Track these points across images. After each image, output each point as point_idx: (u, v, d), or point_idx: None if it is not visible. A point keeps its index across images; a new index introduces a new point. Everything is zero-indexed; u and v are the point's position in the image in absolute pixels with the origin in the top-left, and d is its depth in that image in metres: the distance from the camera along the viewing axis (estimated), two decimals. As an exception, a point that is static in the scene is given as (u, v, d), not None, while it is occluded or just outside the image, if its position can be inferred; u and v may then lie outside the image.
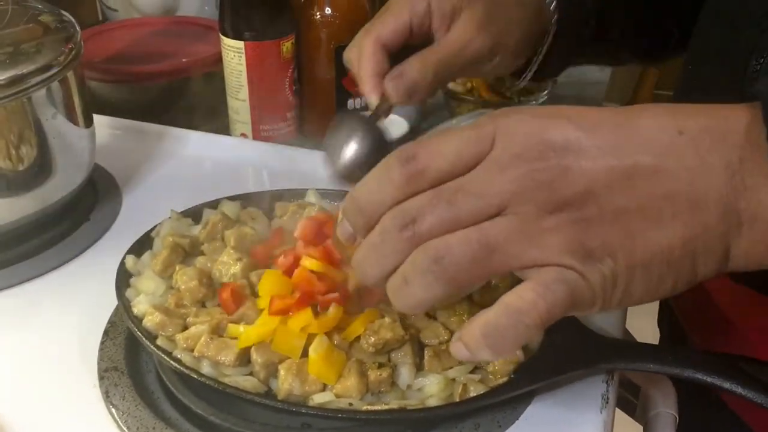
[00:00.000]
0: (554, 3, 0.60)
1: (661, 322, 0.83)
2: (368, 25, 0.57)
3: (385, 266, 0.39)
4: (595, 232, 0.36)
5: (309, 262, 0.52)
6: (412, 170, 0.38)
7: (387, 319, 0.50)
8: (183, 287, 0.54)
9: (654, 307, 0.81)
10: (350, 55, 0.58)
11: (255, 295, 0.54)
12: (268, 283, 0.52)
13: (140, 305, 0.54)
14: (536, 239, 0.36)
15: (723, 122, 0.36)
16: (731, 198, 0.35)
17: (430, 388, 0.48)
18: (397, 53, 0.56)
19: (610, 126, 0.37)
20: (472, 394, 0.48)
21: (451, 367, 0.50)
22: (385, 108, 0.56)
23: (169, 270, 0.56)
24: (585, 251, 0.36)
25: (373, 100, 0.56)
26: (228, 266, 0.56)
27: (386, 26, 0.56)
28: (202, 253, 0.59)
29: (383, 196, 0.38)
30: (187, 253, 0.58)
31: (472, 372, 0.50)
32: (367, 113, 0.57)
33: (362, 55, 0.56)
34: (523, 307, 0.36)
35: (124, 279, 0.57)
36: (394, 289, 0.39)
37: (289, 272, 0.53)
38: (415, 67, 0.55)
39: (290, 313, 0.50)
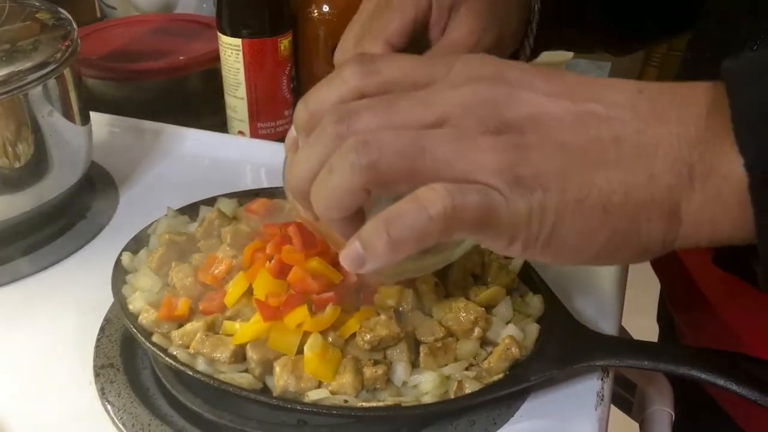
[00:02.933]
0: None
1: (660, 319, 0.83)
2: (363, 24, 0.54)
3: (312, 162, 0.37)
4: (531, 160, 0.34)
5: (305, 262, 0.52)
6: (365, 69, 0.38)
7: (383, 317, 0.50)
8: (178, 285, 0.54)
9: (653, 305, 0.81)
10: (342, 59, 0.54)
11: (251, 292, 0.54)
12: (263, 283, 0.52)
13: (136, 302, 0.54)
14: (469, 154, 0.35)
15: (686, 89, 0.36)
16: (684, 152, 0.34)
17: (426, 386, 0.48)
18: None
19: (571, 79, 0.37)
20: (468, 391, 0.48)
21: (446, 365, 0.50)
22: None
23: (165, 267, 0.56)
24: (515, 177, 0.34)
25: None
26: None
27: (393, 25, 0.52)
28: (198, 251, 0.59)
29: (330, 93, 0.38)
30: (183, 250, 0.58)
31: (467, 369, 0.50)
32: None
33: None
34: (430, 196, 0.34)
35: (120, 276, 0.57)
36: (317, 183, 0.37)
37: (278, 274, 0.52)
38: None
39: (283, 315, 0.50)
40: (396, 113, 0.36)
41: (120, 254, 0.58)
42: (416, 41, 0.54)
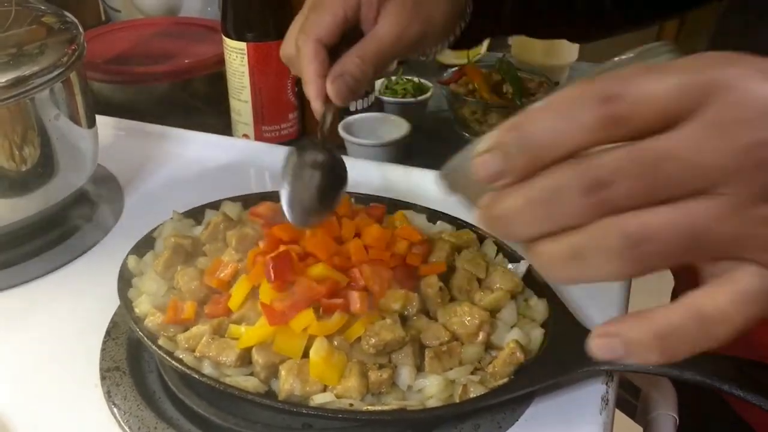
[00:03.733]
0: None
1: None
2: (302, 22, 0.56)
3: (546, 228, 0.31)
4: None
5: (313, 268, 0.52)
6: (611, 113, 0.29)
7: (388, 320, 0.50)
8: (184, 288, 0.54)
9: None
10: (288, 53, 0.57)
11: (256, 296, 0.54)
12: (269, 287, 0.52)
13: (142, 305, 0.54)
14: (745, 230, 0.29)
15: None
16: None
17: (431, 389, 0.49)
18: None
19: None
20: (473, 395, 0.48)
21: (451, 369, 0.50)
22: (332, 112, 0.55)
23: (171, 270, 0.57)
24: None
25: (317, 106, 0.55)
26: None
27: (323, 24, 0.54)
28: (203, 254, 0.59)
29: (564, 137, 0.30)
30: (188, 253, 0.58)
31: (472, 373, 0.50)
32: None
33: (304, 58, 0.54)
34: (717, 317, 0.30)
35: (126, 279, 0.57)
36: (554, 257, 0.32)
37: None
38: (355, 64, 0.54)
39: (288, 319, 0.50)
40: (657, 182, 0.29)
41: (126, 258, 0.58)
42: (349, 37, 0.55)
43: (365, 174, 0.76)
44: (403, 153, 0.89)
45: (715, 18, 0.62)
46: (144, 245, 0.60)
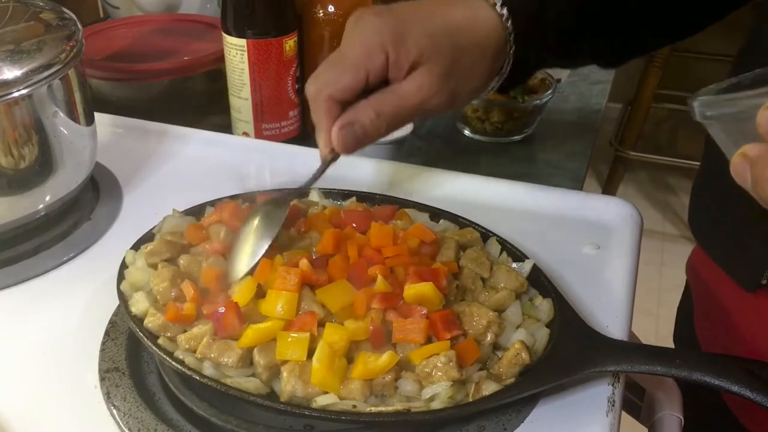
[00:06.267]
0: (511, 38, 0.57)
1: (679, 339, 0.83)
2: (321, 75, 0.54)
3: None
4: None
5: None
6: None
7: (442, 358, 0.48)
8: (155, 288, 0.53)
9: (653, 308, 0.80)
10: (307, 92, 0.55)
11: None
12: (273, 304, 0.51)
13: (139, 304, 0.53)
14: None
15: None
16: None
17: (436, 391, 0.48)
18: None
19: None
20: (485, 392, 0.47)
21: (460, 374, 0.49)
22: (336, 159, 0.55)
23: (156, 258, 0.56)
24: None
25: (325, 154, 0.55)
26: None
27: (341, 84, 0.53)
28: (188, 252, 0.58)
29: None
30: (182, 247, 0.58)
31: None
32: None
33: (317, 111, 0.54)
34: None
35: (123, 276, 0.56)
36: None
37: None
38: (369, 117, 0.52)
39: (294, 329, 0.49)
40: None
41: (124, 256, 0.58)
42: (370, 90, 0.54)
43: (366, 172, 0.76)
44: (405, 151, 0.88)
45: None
46: (144, 243, 0.59)
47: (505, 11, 0.56)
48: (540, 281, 0.56)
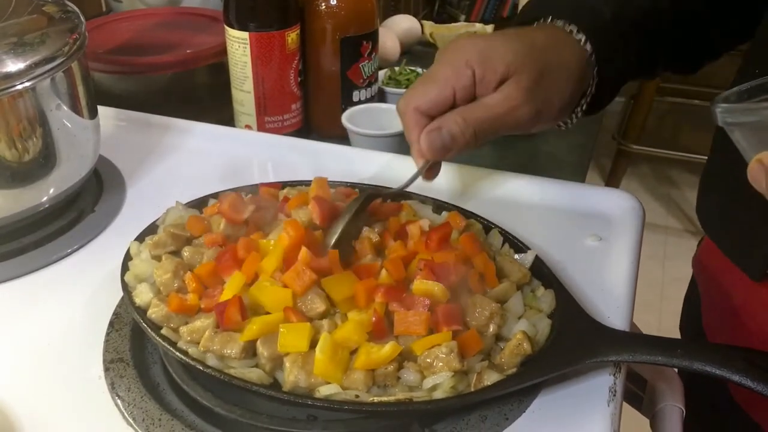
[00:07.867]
0: (593, 59, 0.59)
1: (684, 331, 0.83)
2: (410, 92, 0.57)
3: None
4: None
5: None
6: None
7: (444, 349, 0.48)
8: (158, 280, 0.54)
9: (656, 301, 0.80)
10: (398, 108, 0.58)
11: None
12: (270, 299, 0.51)
13: (142, 295, 0.53)
14: None
15: None
16: None
17: (438, 381, 0.48)
18: None
19: None
20: (487, 382, 0.47)
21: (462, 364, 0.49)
22: (427, 166, 0.57)
23: (160, 250, 0.56)
24: None
25: (420, 164, 0.57)
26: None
27: (427, 98, 0.55)
28: (191, 244, 0.58)
29: None
30: (186, 239, 0.58)
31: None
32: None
33: (406, 123, 0.56)
34: None
35: (127, 267, 0.56)
36: None
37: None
38: (456, 122, 0.54)
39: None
40: None
41: (128, 247, 0.58)
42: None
43: (368, 164, 0.76)
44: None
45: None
46: (148, 234, 0.59)
47: (581, 36, 0.58)
48: (542, 272, 0.56)
